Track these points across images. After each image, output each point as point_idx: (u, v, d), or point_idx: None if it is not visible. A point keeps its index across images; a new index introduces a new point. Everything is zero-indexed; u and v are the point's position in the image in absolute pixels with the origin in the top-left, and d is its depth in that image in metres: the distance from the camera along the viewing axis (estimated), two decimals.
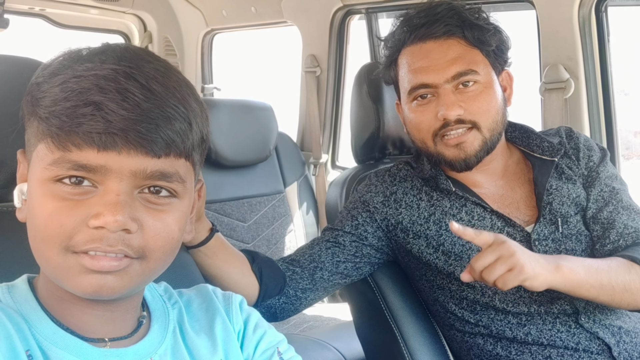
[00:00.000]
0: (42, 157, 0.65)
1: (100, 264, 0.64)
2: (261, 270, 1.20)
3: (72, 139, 0.62)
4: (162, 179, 0.67)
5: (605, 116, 1.80)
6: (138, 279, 0.68)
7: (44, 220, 0.64)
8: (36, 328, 0.68)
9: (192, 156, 0.70)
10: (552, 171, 1.28)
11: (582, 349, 1.18)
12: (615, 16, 1.78)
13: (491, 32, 1.26)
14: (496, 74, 1.27)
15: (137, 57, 0.67)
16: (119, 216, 0.63)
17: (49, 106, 0.63)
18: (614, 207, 1.26)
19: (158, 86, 0.65)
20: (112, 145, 0.62)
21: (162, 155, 0.65)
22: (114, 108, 0.62)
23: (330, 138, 2.79)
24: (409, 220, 1.30)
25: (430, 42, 1.25)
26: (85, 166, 0.63)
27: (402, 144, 1.65)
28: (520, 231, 1.25)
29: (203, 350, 0.79)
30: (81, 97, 0.62)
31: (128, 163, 0.64)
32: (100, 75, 0.63)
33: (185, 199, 0.71)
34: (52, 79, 0.65)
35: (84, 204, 0.64)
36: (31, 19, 3.22)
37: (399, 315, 1.35)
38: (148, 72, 0.66)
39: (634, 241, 1.22)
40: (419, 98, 1.26)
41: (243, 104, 2.37)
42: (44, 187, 0.65)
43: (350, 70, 2.72)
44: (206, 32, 3.32)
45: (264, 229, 2.36)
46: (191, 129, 0.68)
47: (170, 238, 0.69)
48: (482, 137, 1.24)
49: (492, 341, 1.25)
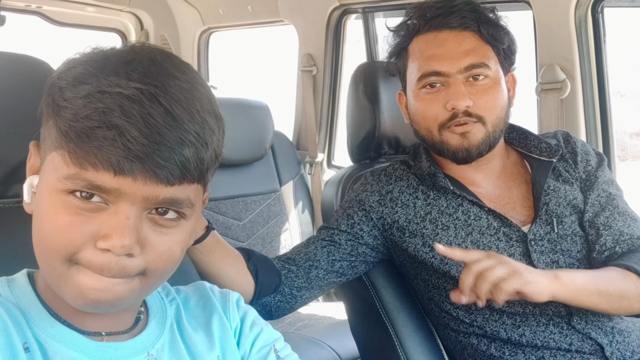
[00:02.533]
0: (57, 167, 0.65)
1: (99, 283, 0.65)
2: (257, 268, 1.20)
3: (89, 159, 0.63)
4: (172, 205, 0.67)
5: (601, 117, 1.80)
6: (135, 295, 0.69)
7: (53, 232, 0.64)
8: (34, 321, 0.69)
9: (206, 177, 0.71)
10: (550, 172, 1.29)
11: (574, 349, 1.18)
12: (612, 17, 1.78)
13: (504, 31, 1.27)
14: (503, 73, 1.28)
15: (163, 72, 0.66)
16: (126, 240, 0.63)
17: (70, 120, 0.63)
18: (610, 212, 1.26)
19: (180, 110, 0.65)
20: (129, 171, 0.63)
21: (175, 183, 0.66)
22: (136, 135, 0.62)
23: (326, 137, 2.80)
24: (405, 219, 1.30)
25: (446, 31, 1.25)
26: (100, 187, 0.64)
27: (397, 144, 1.65)
28: (516, 231, 1.25)
29: (200, 346, 0.80)
30: (104, 119, 0.62)
31: (142, 189, 0.64)
32: (125, 95, 0.63)
33: (192, 219, 0.72)
34: (76, 88, 0.64)
35: (94, 220, 0.64)
36: (28, 17, 3.22)
37: (393, 314, 1.35)
38: (173, 93, 0.65)
39: (629, 248, 1.22)
40: (428, 86, 1.26)
41: (239, 103, 2.37)
42: (55, 197, 0.65)
43: (347, 70, 2.72)
44: (203, 30, 3.33)
45: (259, 228, 2.36)
46: (207, 151, 0.68)
47: (172, 259, 0.70)
48: (485, 131, 1.24)
49: (486, 341, 1.25)
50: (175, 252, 0.70)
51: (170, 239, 0.69)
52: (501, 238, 1.25)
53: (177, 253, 0.70)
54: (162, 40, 3.41)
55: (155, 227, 0.67)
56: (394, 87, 1.45)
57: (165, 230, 0.68)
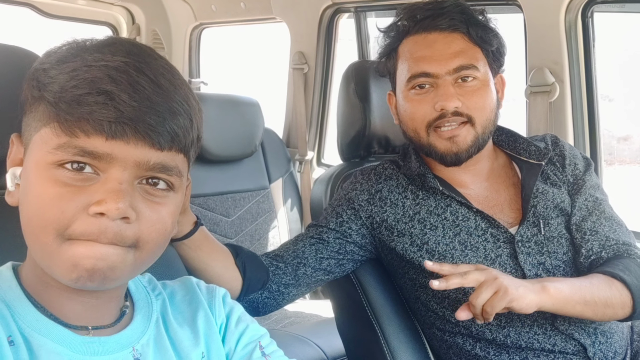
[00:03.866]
0: (46, 140, 0.65)
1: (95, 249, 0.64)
2: (245, 264, 1.20)
3: (81, 125, 0.63)
4: (163, 171, 0.68)
5: (588, 120, 1.82)
6: (129, 269, 0.69)
7: (44, 205, 0.64)
8: (19, 315, 0.68)
9: (190, 152, 0.73)
10: (539, 175, 1.30)
11: (558, 350, 1.20)
12: (601, 23, 1.80)
13: (493, 34, 1.28)
14: (492, 75, 1.29)
15: (145, 53, 0.69)
16: (121, 204, 0.64)
17: (58, 92, 0.64)
18: (596, 217, 1.28)
19: (165, 82, 0.67)
20: (121, 134, 0.64)
21: (165, 148, 0.67)
22: (126, 99, 0.63)
23: (317, 135, 2.80)
24: (393, 218, 1.31)
25: (435, 33, 1.26)
26: (92, 153, 0.64)
27: (387, 143, 1.66)
28: (503, 232, 1.26)
29: (185, 342, 0.80)
30: (93, 86, 0.63)
31: (133, 153, 0.65)
32: (112, 67, 0.64)
33: (180, 193, 0.73)
34: (60, 66, 0.66)
35: (85, 190, 0.64)
36: (17, 8, 3.19)
37: (380, 312, 1.36)
38: (156, 68, 0.68)
39: (615, 253, 1.23)
40: (417, 87, 1.27)
41: (230, 99, 2.36)
42: (45, 172, 0.65)
43: (338, 68, 2.72)
44: (195, 26, 3.31)
45: (248, 225, 2.36)
46: (192, 126, 0.70)
47: (164, 230, 0.70)
48: (474, 132, 1.25)
49: (472, 341, 1.26)
50: (167, 222, 0.71)
51: (162, 209, 0.69)
52: (489, 239, 1.26)
53: (169, 224, 0.71)
54: (153, 35, 3.40)
55: (147, 197, 0.68)
56: (384, 87, 1.45)
57: (157, 200, 0.69)
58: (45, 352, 0.67)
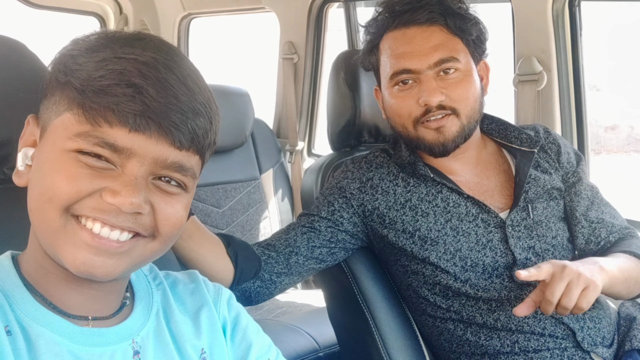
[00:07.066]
0: (68, 126, 0.65)
1: (101, 241, 0.65)
2: (236, 253, 1.21)
3: (105, 115, 0.63)
4: (178, 170, 0.69)
5: (576, 109, 1.83)
6: (137, 260, 0.69)
7: (60, 180, 0.64)
8: (17, 304, 0.68)
9: (205, 155, 0.73)
10: (532, 161, 1.32)
11: (547, 334, 1.22)
12: (589, 13, 1.81)
13: (472, 22, 1.28)
14: (475, 63, 1.30)
15: (173, 52, 0.69)
16: (135, 198, 0.64)
17: (86, 79, 0.64)
18: (597, 206, 1.34)
19: (192, 83, 0.68)
20: (144, 128, 0.64)
21: (184, 147, 0.67)
22: (153, 94, 0.64)
23: (307, 125, 2.79)
24: (385, 206, 1.32)
25: (414, 28, 1.27)
26: (112, 145, 0.64)
27: (378, 132, 1.66)
28: (494, 217, 1.28)
29: (187, 334, 0.80)
30: (122, 77, 0.63)
31: (153, 149, 0.65)
32: (141, 61, 0.65)
33: (191, 194, 0.73)
34: (90, 54, 0.66)
35: (102, 176, 0.65)
36: None
37: (371, 300, 1.37)
38: (184, 68, 0.68)
39: (620, 237, 1.31)
40: (400, 83, 1.28)
41: (219, 89, 2.35)
42: (63, 155, 0.65)
43: (328, 59, 2.72)
44: (183, 16, 3.29)
45: (239, 215, 2.36)
46: (211, 128, 0.71)
47: (179, 224, 0.71)
48: (460, 123, 1.26)
49: (463, 327, 1.27)
50: (182, 216, 0.71)
51: (176, 202, 0.70)
52: (479, 224, 1.27)
53: (183, 218, 0.72)
54: (141, 25, 3.36)
55: (160, 193, 0.68)
56: (374, 76, 1.45)
57: (170, 196, 0.69)
58: (43, 341, 0.67)
